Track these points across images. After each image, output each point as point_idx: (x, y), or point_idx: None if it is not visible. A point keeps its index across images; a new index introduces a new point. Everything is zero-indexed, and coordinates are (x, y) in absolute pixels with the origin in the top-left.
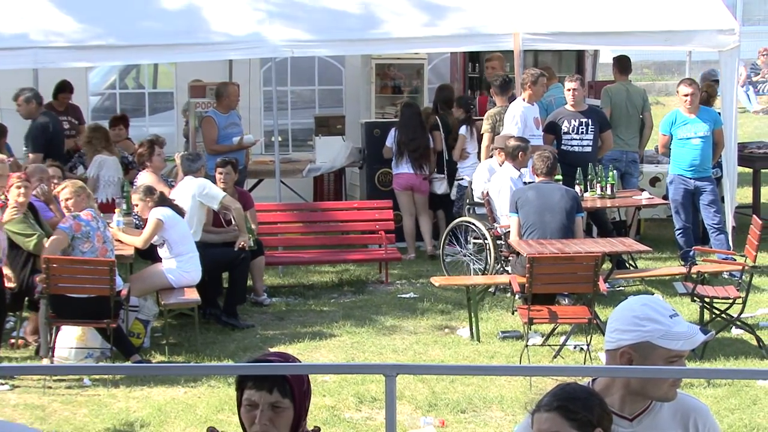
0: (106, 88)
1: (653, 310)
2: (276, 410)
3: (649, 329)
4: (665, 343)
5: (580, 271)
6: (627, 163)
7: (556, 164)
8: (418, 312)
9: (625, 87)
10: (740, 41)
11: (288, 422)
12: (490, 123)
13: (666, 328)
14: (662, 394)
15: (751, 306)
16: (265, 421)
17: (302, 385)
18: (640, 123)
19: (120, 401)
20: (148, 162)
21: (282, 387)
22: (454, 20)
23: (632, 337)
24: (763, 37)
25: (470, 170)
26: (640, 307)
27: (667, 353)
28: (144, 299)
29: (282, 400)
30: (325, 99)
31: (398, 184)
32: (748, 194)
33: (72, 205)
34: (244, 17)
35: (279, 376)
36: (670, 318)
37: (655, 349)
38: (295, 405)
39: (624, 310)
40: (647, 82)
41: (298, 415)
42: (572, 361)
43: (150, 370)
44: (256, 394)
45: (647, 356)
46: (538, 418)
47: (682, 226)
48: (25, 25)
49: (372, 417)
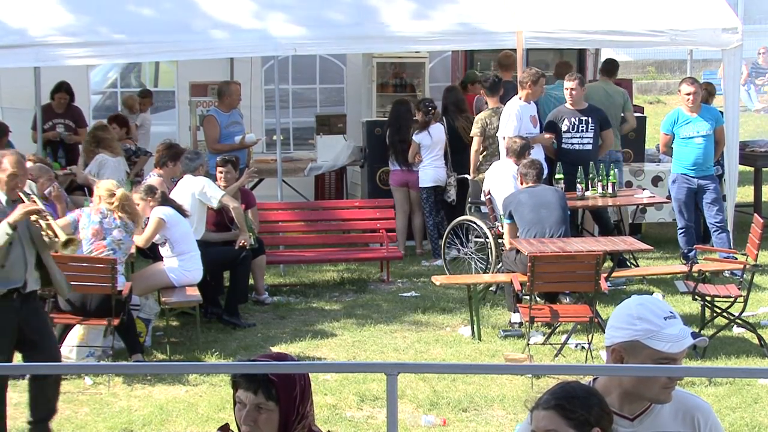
0: (107, 86)
1: (648, 310)
2: (260, 411)
3: (639, 329)
4: (652, 343)
5: (581, 270)
6: (609, 163)
7: (543, 170)
8: (419, 311)
9: (603, 87)
10: (743, 40)
11: (273, 424)
12: (480, 126)
13: (657, 329)
14: (654, 395)
15: (753, 305)
16: (249, 421)
17: (292, 389)
18: (620, 122)
19: (121, 400)
20: (168, 165)
21: (266, 389)
22: (456, 18)
23: (623, 336)
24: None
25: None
26: (635, 306)
27: (655, 354)
28: (145, 298)
29: (266, 403)
30: (326, 98)
31: (393, 180)
32: (749, 193)
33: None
34: (246, 16)
35: (265, 379)
36: (665, 320)
37: (643, 348)
38: (281, 408)
39: (622, 308)
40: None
41: (285, 418)
42: (574, 359)
43: (151, 369)
44: (243, 394)
45: (636, 355)
46: (536, 415)
47: (684, 225)
48: (26, 22)
49: (373, 416)
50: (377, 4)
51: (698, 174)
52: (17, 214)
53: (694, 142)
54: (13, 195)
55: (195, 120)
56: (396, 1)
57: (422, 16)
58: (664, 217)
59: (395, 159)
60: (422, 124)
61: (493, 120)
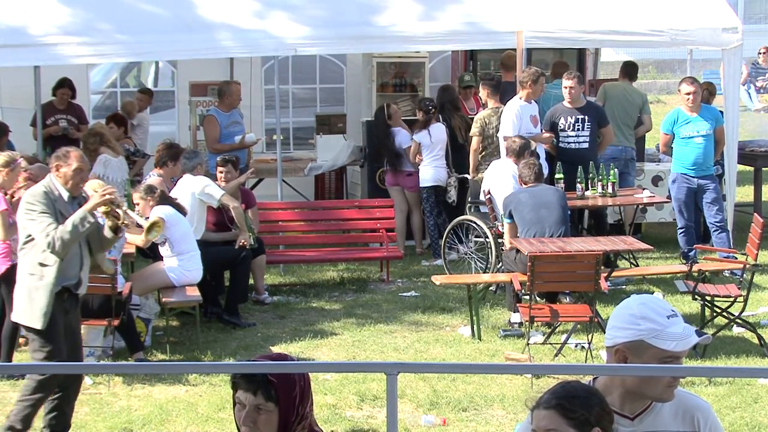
0: (107, 86)
1: (651, 310)
2: (260, 412)
3: (643, 328)
4: (658, 342)
5: (581, 270)
6: (625, 161)
7: (542, 169)
8: (419, 310)
9: (623, 86)
10: (743, 40)
11: (272, 425)
12: (479, 126)
13: (660, 328)
14: (658, 394)
15: (753, 304)
16: (249, 422)
17: (291, 390)
18: (636, 123)
19: (121, 400)
20: (168, 164)
21: (266, 390)
22: (456, 18)
23: (627, 335)
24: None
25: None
26: (637, 306)
27: (660, 353)
28: (145, 298)
29: (265, 403)
30: (326, 97)
31: (387, 180)
32: (749, 192)
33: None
34: (246, 16)
35: (264, 380)
36: (668, 318)
37: (648, 348)
38: (280, 409)
39: (623, 308)
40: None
41: (284, 418)
42: (573, 359)
43: (151, 369)
44: (243, 395)
45: (641, 355)
46: (537, 415)
47: (684, 225)
48: (26, 21)
49: (373, 415)
50: (377, 4)
51: (698, 174)
52: (94, 201)
53: (694, 141)
54: (77, 190)
55: (195, 120)
56: (396, 1)
57: (422, 16)
58: (664, 216)
59: (386, 161)
60: (422, 124)
61: (492, 120)
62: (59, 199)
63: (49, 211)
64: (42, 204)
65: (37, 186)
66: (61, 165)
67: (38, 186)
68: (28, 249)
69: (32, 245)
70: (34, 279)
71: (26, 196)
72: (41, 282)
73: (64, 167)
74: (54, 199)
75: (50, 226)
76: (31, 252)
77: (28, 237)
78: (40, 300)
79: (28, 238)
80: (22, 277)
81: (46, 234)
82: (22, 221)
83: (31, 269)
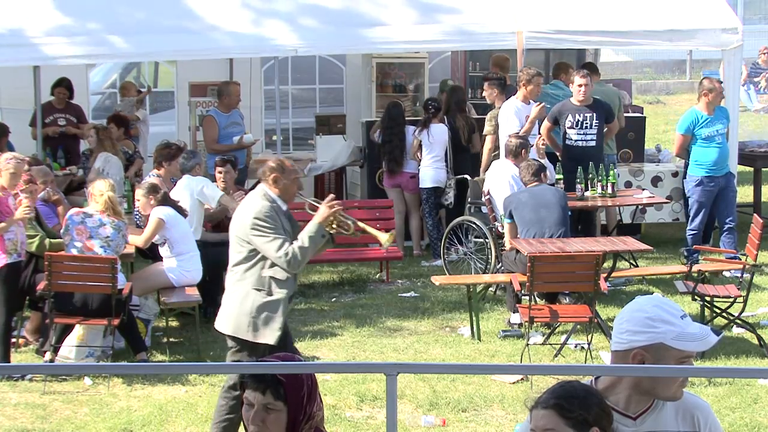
0: (106, 87)
1: (665, 312)
2: (269, 411)
3: (663, 330)
4: (679, 344)
5: (580, 270)
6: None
7: (542, 168)
8: (418, 311)
9: (598, 87)
10: (743, 40)
11: (281, 425)
12: (494, 124)
13: (679, 329)
14: (671, 394)
15: (752, 305)
16: (258, 421)
17: (299, 390)
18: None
19: (121, 400)
20: (164, 164)
21: (275, 389)
22: (456, 19)
23: (645, 339)
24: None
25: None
26: (652, 308)
27: (680, 354)
28: (145, 298)
29: (274, 402)
30: (326, 98)
31: (386, 181)
32: (749, 193)
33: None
34: (246, 16)
35: (273, 379)
36: (681, 319)
37: (668, 350)
38: (289, 408)
39: (635, 311)
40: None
41: (293, 418)
42: (573, 360)
43: (151, 369)
44: (251, 394)
45: (660, 357)
46: (536, 414)
47: (697, 227)
48: (25, 22)
49: (373, 416)
50: (377, 4)
51: (721, 173)
52: (323, 213)
53: (716, 141)
54: (292, 198)
55: (194, 120)
56: (396, 2)
57: (422, 16)
58: (663, 217)
59: (385, 161)
60: (423, 123)
61: None
62: (281, 212)
63: (278, 226)
64: (271, 220)
65: (262, 201)
66: (280, 177)
67: (263, 201)
68: (252, 265)
69: (257, 260)
70: (262, 294)
71: (254, 213)
72: (271, 297)
73: (284, 180)
74: (278, 213)
75: (285, 243)
76: (256, 267)
77: (251, 252)
78: (275, 316)
79: (251, 254)
80: (247, 293)
81: (285, 252)
82: (247, 237)
83: (258, 284)
